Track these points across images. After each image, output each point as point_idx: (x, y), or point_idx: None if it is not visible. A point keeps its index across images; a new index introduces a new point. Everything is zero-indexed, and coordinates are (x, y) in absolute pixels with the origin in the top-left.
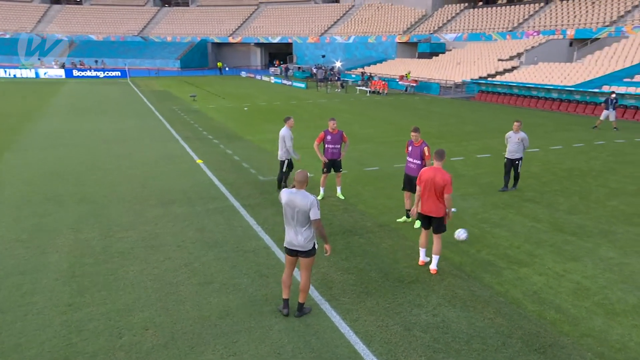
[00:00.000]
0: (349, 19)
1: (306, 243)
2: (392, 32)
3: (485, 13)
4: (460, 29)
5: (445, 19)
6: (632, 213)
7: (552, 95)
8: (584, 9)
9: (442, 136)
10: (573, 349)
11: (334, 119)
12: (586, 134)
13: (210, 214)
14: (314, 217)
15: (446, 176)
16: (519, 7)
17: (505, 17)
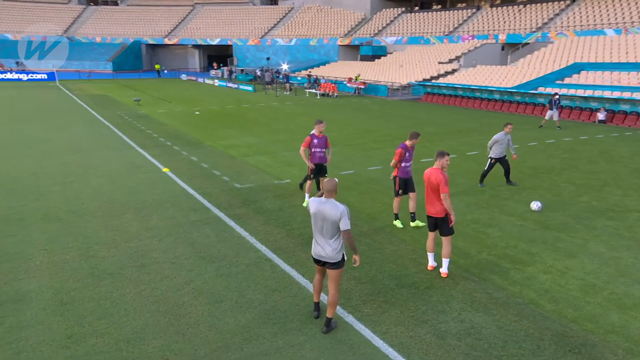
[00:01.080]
0: (289, 22)
1: (335, 254)
2: (334, 34)
3: (421, 17)
4: (400, 33)
5: (385, 23)
6: (605, 208)
7: (495, 97)
8: (512, 16)
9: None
10: (604, 347)
11: (322, 122)
12: (536, 133)
13: (195, 226)
14: (344, 227)
15: (440, 176)
16: (452, 13)
17: (441, 22)
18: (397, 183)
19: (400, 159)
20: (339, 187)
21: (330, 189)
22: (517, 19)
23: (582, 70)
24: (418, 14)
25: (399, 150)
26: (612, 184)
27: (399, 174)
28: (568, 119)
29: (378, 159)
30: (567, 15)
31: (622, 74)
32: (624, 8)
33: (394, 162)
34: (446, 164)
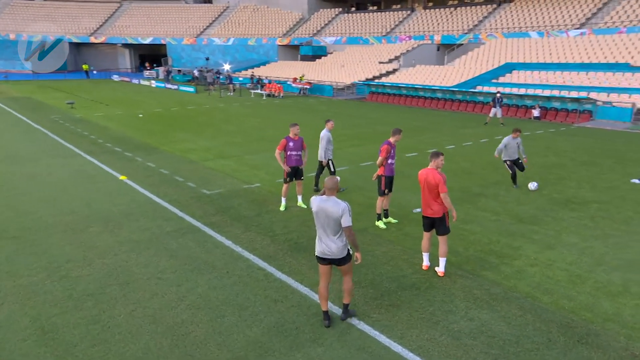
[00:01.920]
0: (224, 21)
1: (340, 251)
2: (272, 34)
3: (359, 18)
4: (338, 33)
5: (323, 23)
6: (566, 199)
7: (437, 95)
8: (445, 18)
9: (363, 137)
10: (606, 336)
11: (297, 124)
12: (484, 130)
13: (173, 237)
14: (346, 224)
15: (437, 176)
16: (388, 14)
17: (378, 23)
18: (383, 182)
19: (387, 156)
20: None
21: (331, 186)
22: (449, 20)
23: (513, 70)
24: (355, 14)
25: (385, 147)
26: (566, 177)
27: (385, 173)
28: (506, 115)
29: (343, 160)
30: (494, 18)
31: (549, 73)
32: (544, 13)
33: (380, 159)
34: (441, 164)
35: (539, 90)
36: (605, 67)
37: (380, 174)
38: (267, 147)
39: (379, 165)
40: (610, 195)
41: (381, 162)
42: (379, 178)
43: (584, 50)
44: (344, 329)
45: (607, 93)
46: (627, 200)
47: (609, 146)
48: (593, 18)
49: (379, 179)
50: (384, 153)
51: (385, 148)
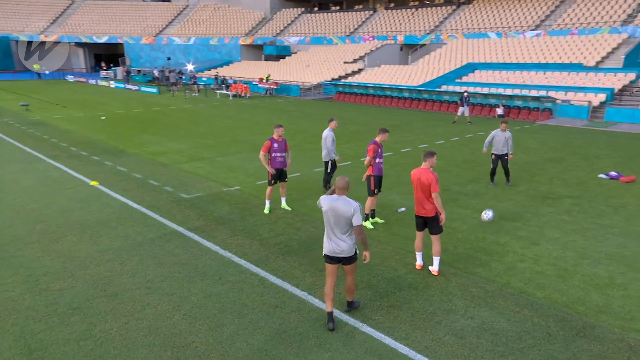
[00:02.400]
0: (184, 20)
1: (349, 249)
2: (235, 34)
3: (322, 18)
4: (302, 33)
5: (286, 23)
6: (542, 196)
7: (404, 95)
8: (406, 18)
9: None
10: (601, 328)
11: (281, 126)
12: (454, 129)
13: (157, 244)
14: (357, 223)
15: (430, 175)
16: (351, 14)
17: (341, 23)
18: (372, 182)
19: (374, 155)
20: (289, 190)
21: (342, 186)
22: (411, 21)
23: (475, 70)
24: (318, 14)
25: (372, 146)
26: (537, 173)
27: (374, 172)
28: (472, 114)
29: (319, 160)
30: (454, 19)
31: (509, 73)
32: (501, 14)
33: (368, 159)
34: (435, 163)
35: (501, 89)
36: (561, 67)
37: (370, 174)
38: (241, 148)
39: (367, 165)
40: (581, 190)
41: (369, 162)
42: (369, 178)
43: (540, 50)
44: (348, 332)
45: (564, 92)
46: (597, 194)
47: (571, 143)
48: (547, 20)
49: (368, 179)
50: (372, 153)
51: (372, 148)
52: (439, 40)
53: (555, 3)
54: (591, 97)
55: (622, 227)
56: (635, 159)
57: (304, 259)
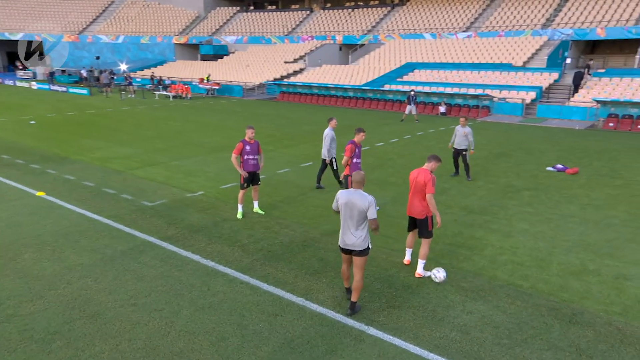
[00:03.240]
0: (111, 17)
1: (361, 242)
2: (167, 32)
3: (258, 17)
4: (239, 32)
5: (221, 21)
6: (502, 189)
7: (349, 94)
8: (343, 18)
9: (292, 137)
10: (589, 314)
11: (252, 127)
12: (404, 127)
13: (130, 257)
14: (371, 216)
15: (428, 176)
16: (288, 14)
17: (279, 22)
18: (350, 182)
19: (352, 155)
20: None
21: (358, 180)
22: (348, 21)
23: (415, 69)
24: (254, 13)
25: (349, 146)
26: (493, 168)
27: (351, 172)
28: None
29: (281, 161)
30: (390, 20)
31: (447, 72)
32: (434, 16)
33: (345, 159)
34: (435, 168)
35: (441, 87)
36: (493, 67)
37: (347, 174)
38: (196, 152)
39: (345, 165)
40: (535, 182)
41: (346, 161)
42: (346, 178)
43: (473, 51)
44: (355, 336)
45: (499, 90)
46: (549, 186)
47: (514, 138)
48: (476, 22)
49: (345, 178)
50: (349, 152)
51: (350, 147)
52: (377, 40)
53: (482, 6)
54: (523, 95)
55: (579, 216)
56: (574, 152)
57: (292, 264)
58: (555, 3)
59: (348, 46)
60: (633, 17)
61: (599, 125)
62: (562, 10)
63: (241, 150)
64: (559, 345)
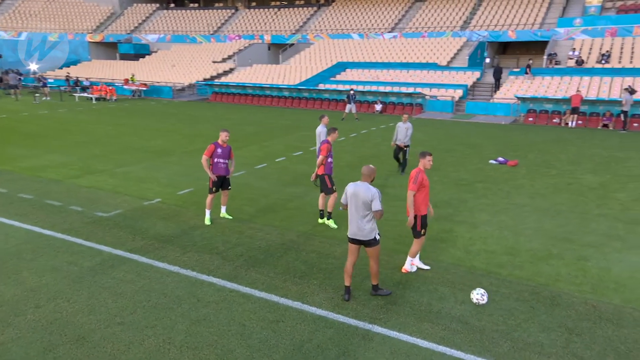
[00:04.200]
0: (9, 10)
1: (368, 233)
2: (79, 29)
3: (180, 15)
4: (161, 30)
5: (140, 19)
6: (456, 184)
7: (285, 94)
8: (270, 18)
9: (237, 139)
10: (566, 295)
11: (227, 130)
12: (347, 125)
13: (100, 273)
14: (375, 208)
15: (412, 173)
16: (212, 12)
17: (203, 21)
18: (328, 180)
19: (327, 155)
20: (217, 198)
21: (366, 173)
22: (275, 21)
23: (346, 69)
24: (176, 11)
25: (325, 145)
26: (441, 163)
27: (326, 171)
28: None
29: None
30: (317, 20)
31: (377, 71)
32: (360, 17)
33: (321, 158)
34: (426, 164)
35: (374, 86)
36: (420, 66)
37: (323, 173)
38: (140, 157)
39: (320, 165)
40: (483, 175)
41: (322, 161)
42: (322, 177)
43: (400, 51)
44: (363, 335)
45: (429, 88)
46: (496, 178)
47: (452, 134)
48: (400, 23)
49: (322, 178)
50: (325, 152)
51: (325, 147)
52: (306, 40)
53: (405, 8)
54: (452, 93)
55: (531, 205)
56: (507, 145)
57: (277, 268)
58: (470, 6)
59: (277, 46)
60: (537, 22)
61: (520, 120)
62: (477, 13)
63: (212, 153)
64: (549, 326)
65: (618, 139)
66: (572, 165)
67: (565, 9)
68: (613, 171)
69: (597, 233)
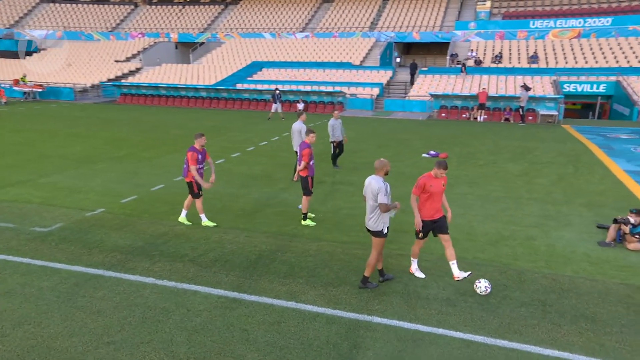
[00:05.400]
0: None
1: (374, 224)
2: None
3: (70, 10)
4: (49, 26)
5: (20, 12)
6: (399, 177)
7: (202, 94)
8: (174, 15)
9: (167, 143)
10: (529, 272)
11: (203, 135)
12: (276, 125)
13: (67, 291)
14: (380, 201)
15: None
16: (108, 7)
17: (99, 17)
18: (310, 182)
19: (309, 160)
20: (166, 204)
21: (377, 167)
22: (181, 18)
23: (263, 68)
24: (64, 5)
25: (306, 150)
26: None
27: (309, 173)
28: (266, 110)
29: (170, 168)
30: (226, 19)
31: (294, 70)
32: (270, 16)
33: (304, 164)
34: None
35: (294, 86)
36: (336, 65)
37: (306, 175)
38: (63, 165)
39: (302, 170)
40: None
41: (304, 167)
42: (306, 179)
43: (314, 50)
44: (366, 327)
45: (347, 87)
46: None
47: (379, 131)
48: (310, 23)
49: (305, 179)
50: (307, 158)
51: (307, 152)
52: (216, 38)
53: (313, 8)
54: (369, 91)
55: (472, 193)
56: (433, 140)
57: (258, 271)
58: (375, 8)
59: (186, 44)
60: (437, 24)
61: (434, 115)
62: (382, 15)
63: (197, 160)
64: (525, 300)
65: (520, 130)
66: (493, 156)
67: (460, 13)
68: (528, 160)
69: (534, 215)
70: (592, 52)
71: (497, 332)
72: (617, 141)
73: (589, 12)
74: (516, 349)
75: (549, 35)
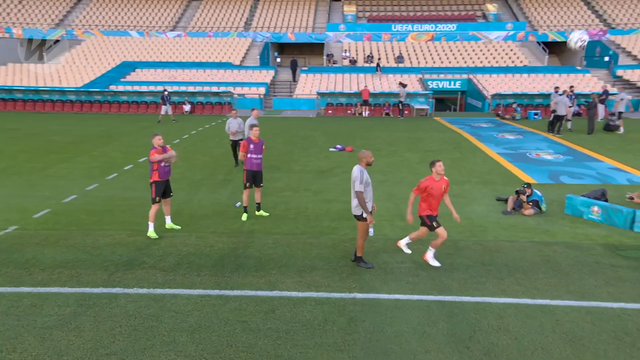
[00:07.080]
0: None
1: (354, 208)
2: None
3: None
4: None
5: None
6: (316, 172)
7: (71, 98)
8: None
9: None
10: (461, 241)
11: (158, 134)
12: (168, 128)
13: (25, 314)
14: (355, 188)
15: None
16: None
17: None
18: (245, 176)
19: (246, 151)
20: (108, 212)
21: (359, 157)
22: (23, 12)
23: (136, 69)
24: None
25: (243, 142)
26: (293, 155)
27: (245, 167)
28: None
29: (72, 177)
30: (82, 14)
31: (172, 71)
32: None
33: (241, 154)
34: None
35: (175, 87)
36: (216, 65)
37: (245, 168)
38: None
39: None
40: (333, 162)
41: (242, 157)
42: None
43: (189, 50)
44: (358, 303)
45: (233, 87)
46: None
47: (278, 128)
48: (181, 22)
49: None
50: (243, 149)
51: (243, 144)
52: (73, 36)
53: (182, 7)
54: (255, 91)
55: (389, 180)
56: (333, 135)
57: (227, 268)
58: (247, 8)
59: (35, 42)
60: (310, 25)
61: (322, 112)
62: (255, 15)
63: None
64: (469, 264)
65: (403, 124)
66: (392, 147)
67: (330, 15)
68: (420, 149)
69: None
70: (444, 54)
71: (460, 291)
72: (481, 129)
73: (438, 19)
74: (480, 302)
75: (409, 38)
